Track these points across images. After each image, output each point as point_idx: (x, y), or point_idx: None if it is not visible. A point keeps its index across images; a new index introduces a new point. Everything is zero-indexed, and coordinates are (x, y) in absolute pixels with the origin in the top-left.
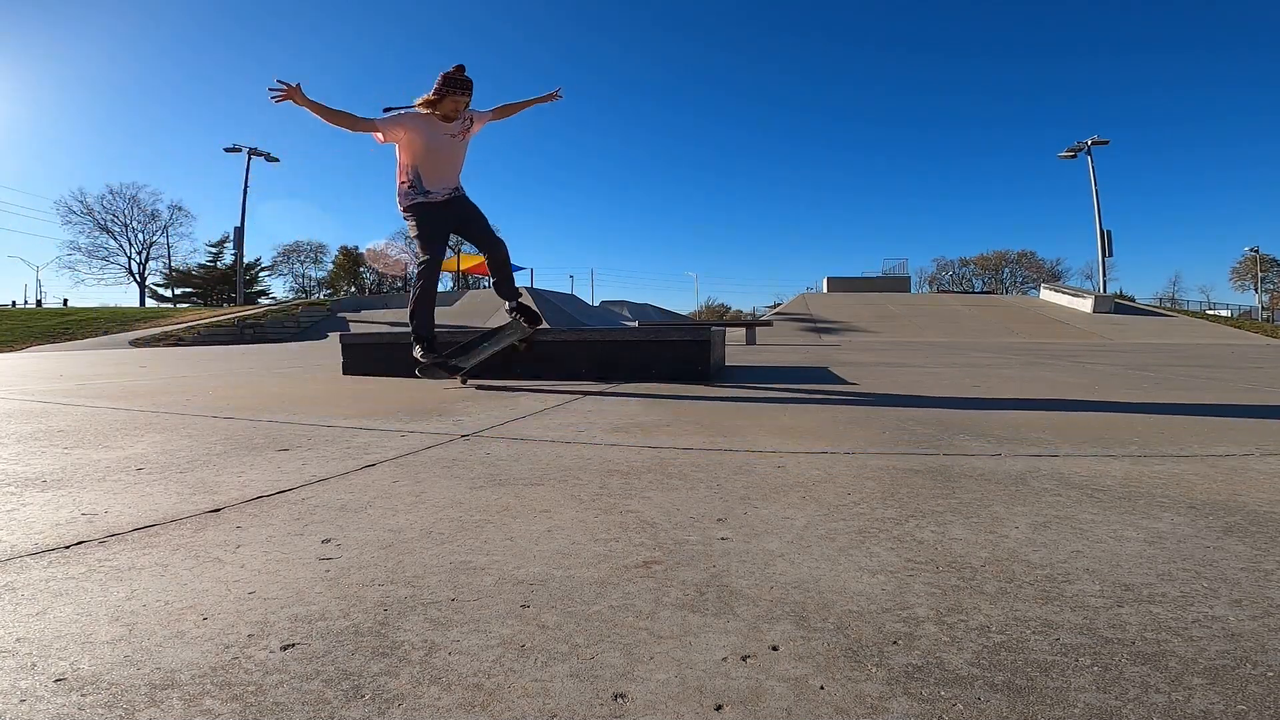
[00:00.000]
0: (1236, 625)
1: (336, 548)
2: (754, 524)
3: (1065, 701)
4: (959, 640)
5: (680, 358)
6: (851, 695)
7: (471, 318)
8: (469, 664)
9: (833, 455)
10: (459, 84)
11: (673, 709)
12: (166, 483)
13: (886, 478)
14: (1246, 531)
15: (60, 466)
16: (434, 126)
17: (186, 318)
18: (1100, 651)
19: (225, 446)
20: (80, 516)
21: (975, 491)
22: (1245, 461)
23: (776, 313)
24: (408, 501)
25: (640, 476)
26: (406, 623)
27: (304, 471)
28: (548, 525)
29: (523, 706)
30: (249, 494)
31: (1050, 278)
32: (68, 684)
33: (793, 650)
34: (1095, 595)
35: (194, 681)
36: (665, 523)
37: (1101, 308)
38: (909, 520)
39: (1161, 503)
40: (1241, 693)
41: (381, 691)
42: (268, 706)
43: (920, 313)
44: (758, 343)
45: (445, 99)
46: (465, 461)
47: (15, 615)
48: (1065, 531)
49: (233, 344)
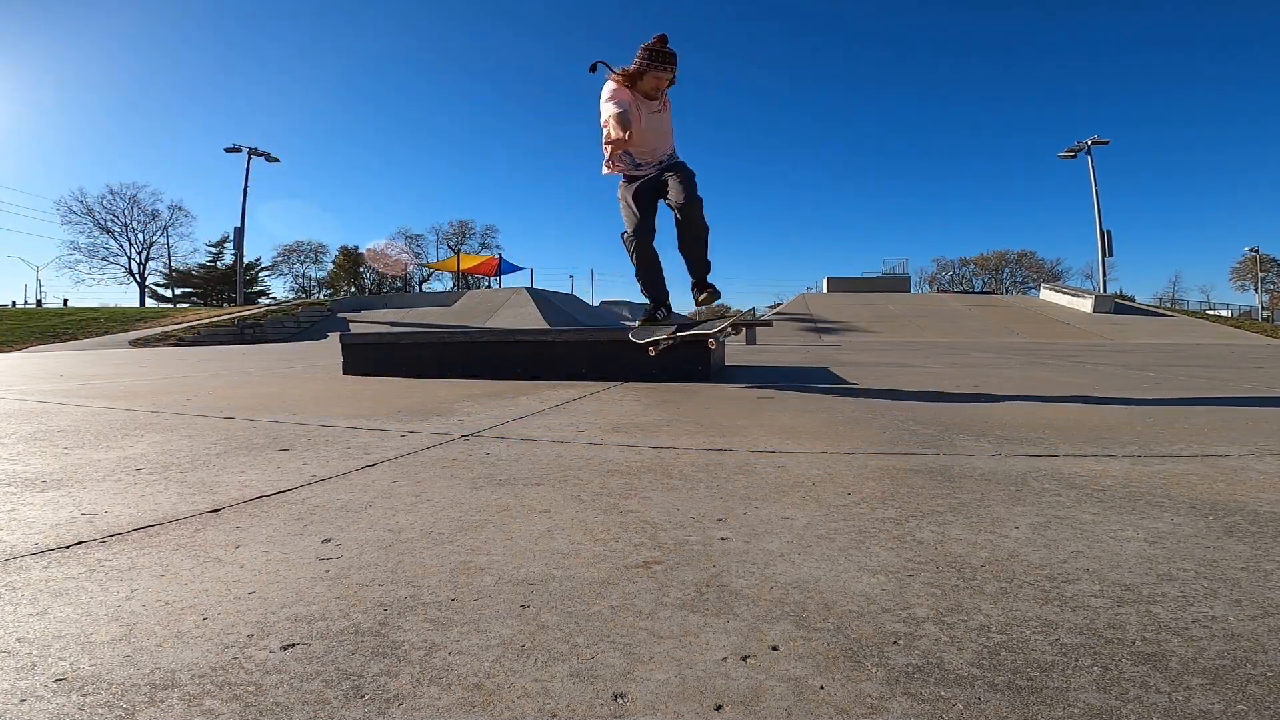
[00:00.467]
0: (1236, 625)
1: (336, 548)
2: (754, 524)
3: (1065, 701)
4: (959, 640)
5: (680, 358)
6: (851, 695)
7: (471, 317)
8: (469, 664)
9: (833, 455)
10: (662, 58)
11: (673, 709)
12: (166, 483)
13: (886, 478)
14: (1246, 531)
15: (60, 466)
16: (638, 104)
17: (186, 318)
18: (1100, 651)
19: (225, 446)
20: (80, 516)
21: (975, 491)
22: (1245, 461)
23: (776, 313)
24: (408, 501)
25: (640, 476)
26: (406, 623)
27: (304, 471)
28: (548, 525)
29: (523, 706)
30: (249, 494)
31: (1050, 278)
32: (68, 684)
33: (793, 650)
34: (1095, 595)
35: (194, 681)
36: (665, 523)
37: (1101, 308)
38: (909, 520)
39: (1161, 503)
40: (1241, 693)
41: (381, 691)
42: (268, 706)
43: (920, 313)
44: (758, 343)
45: (646, 74)
46: (465, 461)
47: (15, 615)
48: (1065, 531)
49: (233, 344)
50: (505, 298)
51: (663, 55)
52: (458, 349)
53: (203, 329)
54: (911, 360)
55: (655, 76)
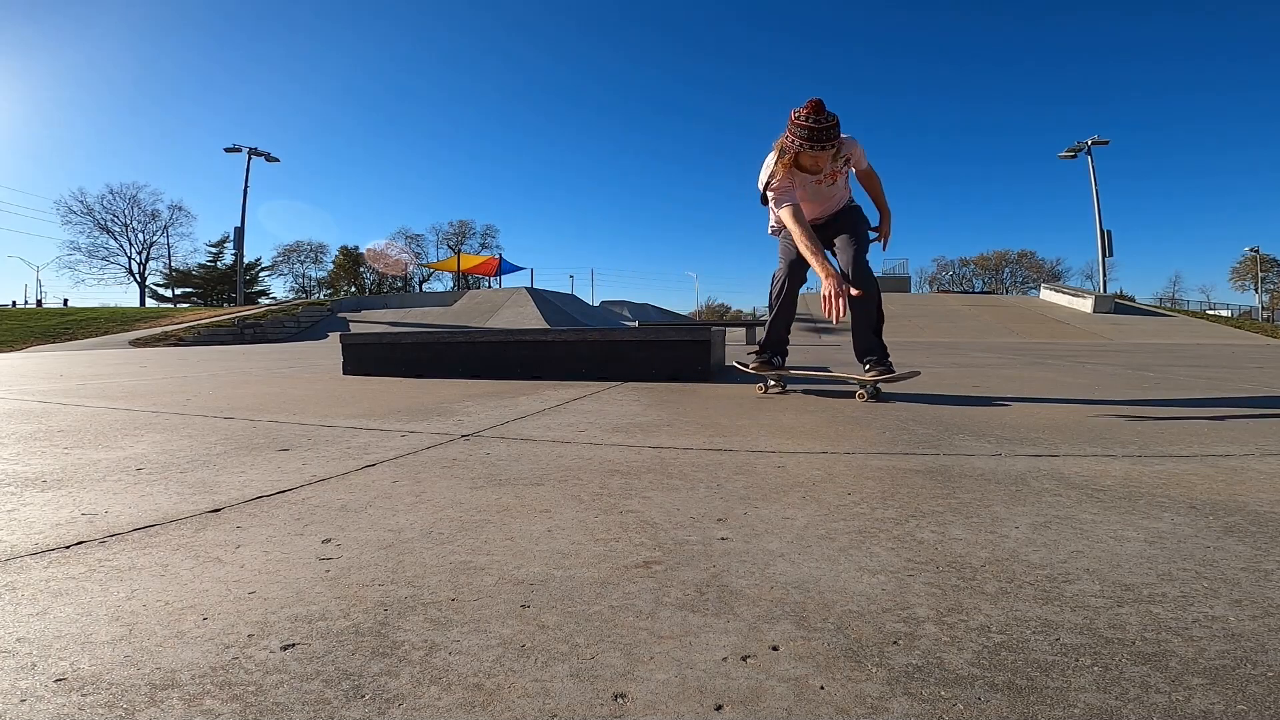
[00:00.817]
0: (1237, 625)
1: (337, 548)
2: (754, 524)
3: (1065, 701)
4: (959, 640)
5: (680, 358)
6: (852, 695)
7: (471, 317)
8: (469, 664)
9: (833, 455)
10: (815, 136)
11: (673, 709)
12: (167, 483)
13: (886, 478)
14: (1247, 531)
15: (60, 466)
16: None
17: (187, 318)
18: (1100, 651)
19: (225, 446)
20: (80, 516)
21: (975, 491)
22: (1245, 461)
23: None
24: (408, 501)
25: (640, 476)
26: (406, 623)
27: (304, 471)
28: (548, 525)
29: (523, 706)
30: (249, 494)
31: (1050, 278)
32: (68, 684)
33: (793, 650)
34: (1095, 595)
35: (194, 681)
36: (665, 523)
37: (1102, 308)
38: (909, 520)
39: (1161, 503)
40: (1242, 693)
41: (382, 691)
42: (268, 706)
43: (920, 312)
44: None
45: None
46: (465, 461)
47: (15, 615)
48: (1065, 531)
49: (233, 344)
50: (505, 298)
51: (816, 133)
52: (458, 349)
53: (203, 329)
54: (911, 360)
55: (811, 157)
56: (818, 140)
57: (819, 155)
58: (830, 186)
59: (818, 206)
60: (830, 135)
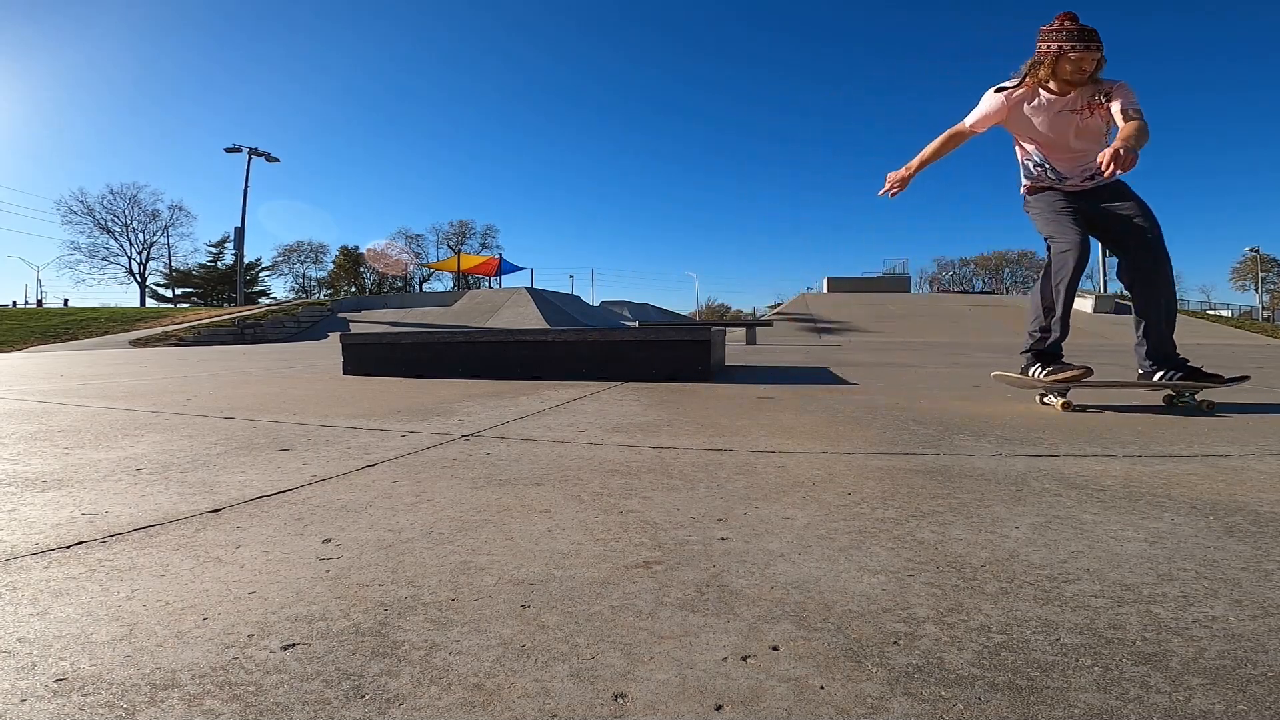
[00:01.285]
0: (1237, 625)
1: (337, 548)
2: (754, 524)
3: (1065, 701)
4: (959, 640)
5: (680, 358)
6: (852, 695)
7: (471, 317)
8: (469, 664)
9: (833, 455)
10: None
11: (673, 709)
12: (167, 483)
13: (887, 478)
14: (1246, 531)
15: (60, 466)
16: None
17: (187, 318)
18: (1100, 651)
19: (225, 446)
20: (81, 516)
21: (975, 491)
22: (1245, 461)
23: (777, 313)
24: (408, 501)
25: (640, 476)
26: (407, 623)
27: (304, 471)
28: (548, 525)
29: (523, 706)
30: (249, 494)
31: None
32: (68, 684)
33: (793, 650)
34: (1095, 595)
35: (194, 681)
36: (665, 523)
37: (1102, 308)
38: (909, 520)
39: (1162, 503)
40: (1242, 693)
41: (382, 691)
42: (268, 706)
43: (921, 313)
44: (758, 343)
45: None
46: (465, 461)
47: (16, 615)
48: (1065, 531)
49: (233, 344)
50: (505, 298)
51: (1083, 32)
52: (458, 349)
53: (203, 329)
54: (912, 360)
55: (1074, 61)
56: (1083, 39)
57: (1083, 57)
58: (1086, 121)
59: (1066, 155)
60: (1097, 37)
